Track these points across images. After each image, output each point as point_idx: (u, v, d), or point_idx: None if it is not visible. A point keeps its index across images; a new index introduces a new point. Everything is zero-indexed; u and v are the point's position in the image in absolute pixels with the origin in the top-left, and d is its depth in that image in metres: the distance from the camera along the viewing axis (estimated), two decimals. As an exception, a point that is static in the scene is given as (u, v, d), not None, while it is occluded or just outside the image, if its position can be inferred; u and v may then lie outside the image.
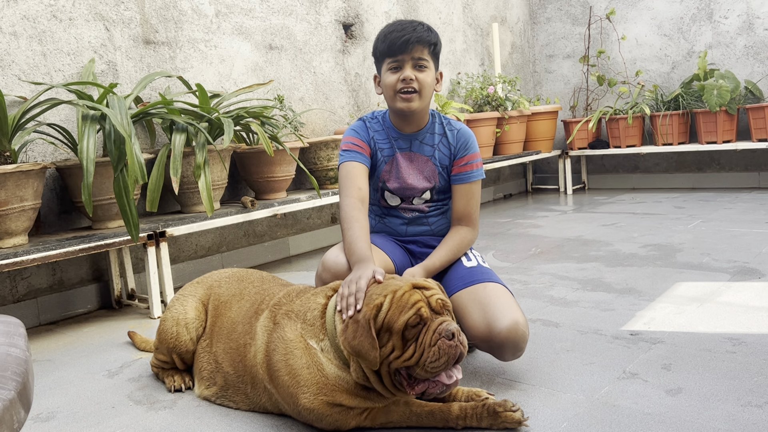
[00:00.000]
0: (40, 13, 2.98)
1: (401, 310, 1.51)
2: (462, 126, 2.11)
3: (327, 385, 1.56)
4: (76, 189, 2.86)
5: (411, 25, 1.96)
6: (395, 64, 1.97)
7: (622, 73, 5.91)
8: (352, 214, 1.88)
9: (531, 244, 3.82)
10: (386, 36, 1.97)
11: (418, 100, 1.97)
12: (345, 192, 1.96)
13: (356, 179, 1.98)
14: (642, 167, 5.97)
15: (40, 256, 2.57)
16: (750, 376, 1.78)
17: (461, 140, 2.07)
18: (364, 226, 1.86)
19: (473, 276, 1.96)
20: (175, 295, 2.05)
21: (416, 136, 2.08)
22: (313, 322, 1.63)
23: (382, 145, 2.09)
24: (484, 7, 5.89)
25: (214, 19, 3.70)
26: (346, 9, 4.50)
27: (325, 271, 1.90)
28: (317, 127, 4.31)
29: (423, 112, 2.05)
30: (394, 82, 1.96)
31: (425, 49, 1.96)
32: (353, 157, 2.03)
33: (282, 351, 1.63)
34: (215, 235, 3.72)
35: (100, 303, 3.21)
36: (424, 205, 2.12)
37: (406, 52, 1.94)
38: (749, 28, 5.25)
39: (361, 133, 2.08)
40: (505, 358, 1.83)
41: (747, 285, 2.63)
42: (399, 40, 1.93)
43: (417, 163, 2.08)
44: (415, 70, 1.96)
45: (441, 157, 2.08)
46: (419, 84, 1.96)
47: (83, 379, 2.21)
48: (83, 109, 2.67)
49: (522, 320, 1.81)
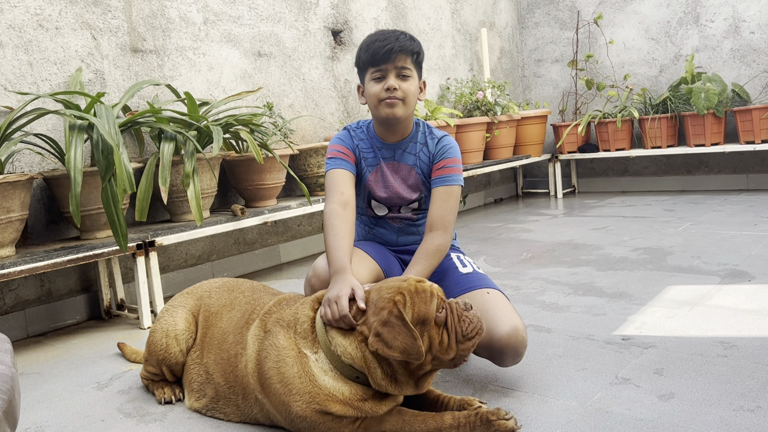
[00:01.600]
0: (26, 23, 2.95)
1: (424, 300, 1.55)
2: (444, 135, 2.10)
3: (319, 394, 1.55)
4: (64, 199, 2.83)
5: (394, 34, 1.96)
6: (379, 73, 1.96)
7: (611, 77, 5.94)
8: (330, 222, 1.89)
9: (522, 249, 3.82)
10: (369, 46, 1.97)
11: (402, 108, 1.97)
12: (329, 198, 1.98)
13: (339, 185, 1.99)
14: (631, 170, 6.00)
15: (28, 268, 2.55)
16: (742, 380, 1.78)
17: (440, 147, 2.06)
18: (342, 234, 1.86)
19: (470, 282, 1.96)
20: (164, 306, 2.03)
21: (399, 146, 2.08)
22: (305, 335, 1.63)
23: (366, 154, 2.09)
24: (473, 12, 5.90)
25: (203, 27, 3.69)
26: (334, 16, 4.50)
27: (315, 276, 1.91)
28: (307, 134, 4.30)
29: (407, 120, 2.05)
30: (378, 92, 1.96)
31: (408, 58, 1.96)
32: (337, 164, 2.04)
33: (274, 358, 1.61)
34: (205, 244, 3.70)
35: (89, 314, 3.18)
36: (411, 213, 2.12)
37: (389, 62, 1.94)
38: (735, 32, 5.29)
39: (345, 141, 2.09)
40: (505, 363, 1.83)
41: (737, 288, 2.64)
42: (382, 50, 1.93)
43: (401, 172, 2.08)
44: (399, 79, 1.96)
45: (422, 165, 2.08)
46: (403, 92, 1.96)
47: (72, 392, 2.18)
48: (70, 119, 2.65)
49: (521, 326, 1.81)
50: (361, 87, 2.08)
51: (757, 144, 4.91)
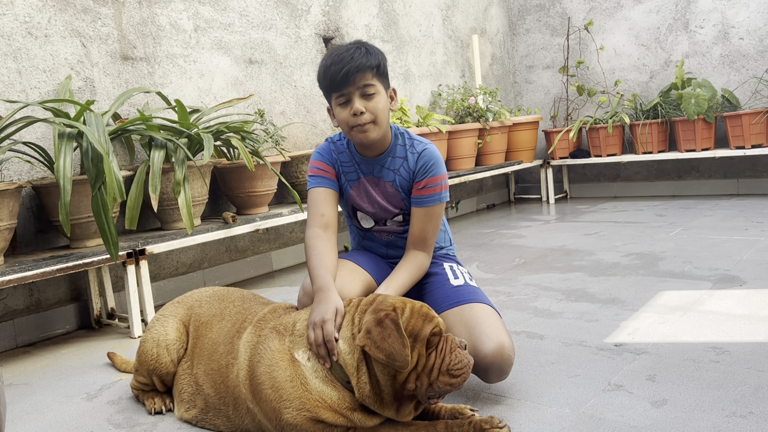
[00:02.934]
0: (15, 30, 2.94)
1: (424, 319, 1.54)
2: (425, 147, 2.00)
3: (310, 400, 1.53)
4: (53, 208, 2.81)
5: (348, 53, 1.86)
6: (342, 98, 1.89)
7: (602, 83, 5.96)
8: (311, 243, 1.88)
9: (514, 255, 3.82)
10: (326, 70, 1.88)
11: (374, 130, 1.91)
12: (309, 221, 1.96)
13: (319, 206, 1.96)
14: (623, 176, 6.02)
15: (17, 277, 2.52)
16: (734, 386, 1.78)
17: (420, 163, 1.98)
18: (323, 253, 1.84)
19: (460, 296, 1.93)
20: (155, 316, 2.02)
21: (378, 161, 2.02)
22: (302, 334, 1.62)
23: (347, 168, 2.05)
24: (464, 19, 5.92)
25: (193, 34, 3.68)
26: (326, 23, 4.50)
27: (305, 296, 1.87)
28: (299, 141, 4.29)
29: (383, 137, 1.97)
30: (347, 118, 1.89)
31: (368, 73, 1.87)
32: (318, 183, 2.01)
33: (267, 362, 1.60)
34: (196, 252, 3.68)
35: (79, 323, 3.15)
36: (397, 226, 2.08)
37: (350, 84, 1.85)
38: (725, 38, 5.32)
39: (325, 155, 2.05)
40: (490, 380, 1.81)
41: (729, 293, 2.65)
42: (339, 74, 1.84)
43: (381, 187, 2.04)
44: (364, 99, 1.88)
45: (401, 181, 2.01)
46: (371, 114, 1.88)
47: (61, 402, 2.16)
48: (59, 127, 2.63)
49: (508, 344, 1.78)
50: (330, 110, 2.00)
51: (747, 149, 4.94)
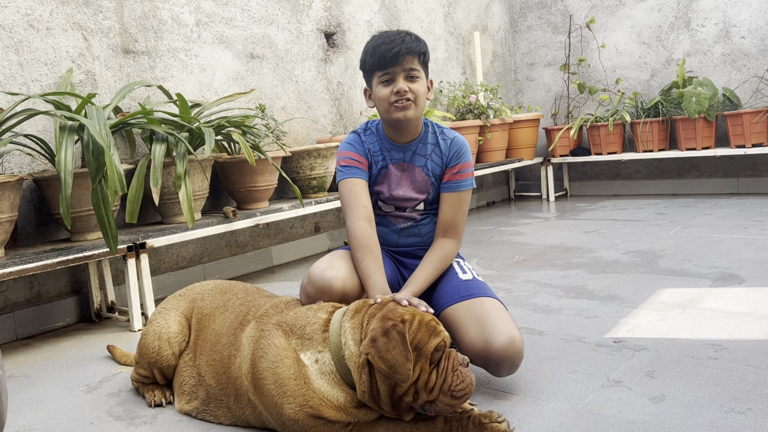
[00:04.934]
0: (17, 23, 2.94)
1: (430, 333, 1.51)
2: (456, 135, 2.09)
3: (314, 398, 1.53)
4: (54, 201, 2.81)
5: (399, 36, 1.94)
6: (387, 77, 1.95)
7: (603, 81, 5.96)
8: (364, 242, 1.89)
9: (514, 252, 3.82)
10: (375, 49, 1.95)
11: (413, 109, 1.96)
12: (352, 212, 1.95)
13: (361, 197, 1.98)
14: (623, 174, 6.02)
15: (17, 270, 2.52)
16: (732, 383, 1.79)
17: (454, 149, 2.05)
18: (378, 256, 1.88)
19: (469, 290, 1.93)
20: (156, 309, 2.02)
21: (409, 147, 2.06)
22: (312, 336, 1.60)
23: (377, 157, 2.07)
24: (466, 15, 5.92)
25: (195, 29, 3.68)
26: (327, 18, 4.50)
27: (310, 284, 1.86)
28: (300, 136, 4.29)
29: (417, 121, 2.03)
30: (388, 95, 1.94)
31: (415, 58, 1.94)
32: (353, 173, 2.01)
33: (271, 358, 1.60)
34: (197, 246, 3.68)
35: (79, 316, 3.15)
36: (416, 214, 2.09)
37: (397, 64, 1.92)
38: (726, 36, 5.32)
39: (357, 146, 2.06)
40: (501, 374, 1.81)
41: (728, 291, 2.65)
42: (389, 53, 1.91)
43: (410, 173, 2.06)
44: (408, 81, 1.94)
45: (433, 167, 2.06)
46: (413, 94, 1.94)
47: (61, 394, 2.16)
48: (61, 120, 2.63)
49: (518, 337, 1.79)
50: (368, 90, 2.05)
51: (748, 148, 4.94)
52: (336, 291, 1.83)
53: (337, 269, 1.86)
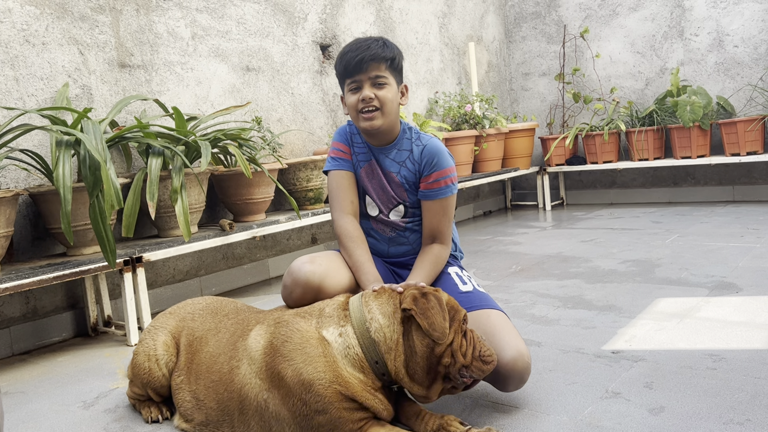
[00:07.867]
0: (12, 38, 2.94)
1: (456, 309, 1.64)
2: (430, 141, 2.02)
3: (342, 375, 1.55)
4: (50, 215, 2.81)
5: (365, 43, 1.95)
6: (354, 84, 1.97)
7: (597, 90, 5.99)
8: (353, 234, 1.97)
9: (511, 262, 3.82)
10: (342, 57, 1.97)
11: (380, 118, 1.96)
12: (338, 206, 1.99)
13: (348, 191, 2.02)
14: (619, 182, 6.04)
15: (13, 285, 2.52)
16: (731, 393, 1.78)
17: (426, 157, 2.00)
18: (366, 248, 1.96)
19: (472, 302, 1.92)
20: (146, 327, 2.01)
21: (383, 151, 2.07)
22: (332, 314, 1.65)
23: (359, 149, 2.10)
24: (460, 26, 5.94)
25: (191, 42, 3.69)
26: (323, 30, 4.52)
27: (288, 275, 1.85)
28: (296, 148, 4.29)
29: (389, 127, 2.02)
30: (355, 103, 1.96)
31: (382, 65, 1.95)
32: (341, 165, 2.04)
33: (297, 340, 1.60)
34: (193, 259, 3.68)
35: (76, 331, 3.14)
36: (400, 220, 2.08)
37: (362, 72, 1.94)
38: (719, 45, 5.36)
39: (342, 135, 2.12)
40: (508, 389, 1.79)
41: (725, 300, 2.65)
42: (353, 60, 1.93)
43: (386, 177, 2.07)
44: (374, 88, 1.95)
45: (407, 174, 2.04)
46: (380, 101, 1.95)
47: (57, 411, 2.15)
48: (57, 135, 2.63)
49: (525, 351, 1.77)
50: (342, 97, 2.07)
51: (743, 156, 4.96)
52: (312, 285, 1.82)
53: (318, 265, 1.85)
